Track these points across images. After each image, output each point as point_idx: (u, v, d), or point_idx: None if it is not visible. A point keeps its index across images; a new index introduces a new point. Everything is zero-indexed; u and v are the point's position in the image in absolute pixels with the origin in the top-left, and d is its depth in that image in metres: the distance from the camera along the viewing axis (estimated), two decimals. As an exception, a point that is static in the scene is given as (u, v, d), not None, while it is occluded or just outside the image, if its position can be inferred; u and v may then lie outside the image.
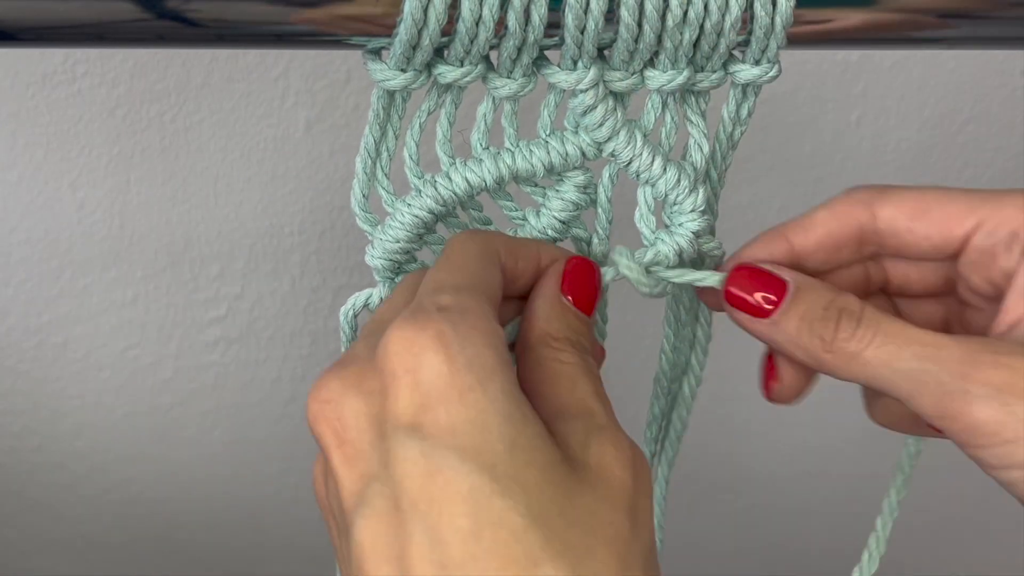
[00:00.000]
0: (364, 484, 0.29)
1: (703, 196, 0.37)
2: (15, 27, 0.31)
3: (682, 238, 0.37)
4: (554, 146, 0.36)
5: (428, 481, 0.27)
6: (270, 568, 0.88)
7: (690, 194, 0.37)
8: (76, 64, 0.60)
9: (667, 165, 0.37)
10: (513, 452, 0.28)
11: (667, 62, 0.34)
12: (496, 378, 0.29)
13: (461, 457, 0.27)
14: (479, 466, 0.27)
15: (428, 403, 0.28)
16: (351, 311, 0.39)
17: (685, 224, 0.37)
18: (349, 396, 0.30)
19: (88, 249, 0.68)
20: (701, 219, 0.37)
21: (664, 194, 0.37)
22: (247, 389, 0.77)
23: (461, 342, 0.29)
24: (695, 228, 0.37)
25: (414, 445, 0.28)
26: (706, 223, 0.38)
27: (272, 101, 0.63)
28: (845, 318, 0.34)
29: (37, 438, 0.78)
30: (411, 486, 0.28)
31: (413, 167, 0.36)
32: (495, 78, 0.34)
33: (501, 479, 0.27)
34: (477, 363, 0.29)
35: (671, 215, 0.38)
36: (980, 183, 0.75)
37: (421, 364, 0.29)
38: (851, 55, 0.67)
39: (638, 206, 0.38)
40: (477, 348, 0.29)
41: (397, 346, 0.29)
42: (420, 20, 0.31)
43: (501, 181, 0.37)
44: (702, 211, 0.37)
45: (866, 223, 0.37)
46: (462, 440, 0.28)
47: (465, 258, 0.34)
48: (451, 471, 0.27)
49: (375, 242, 0.37)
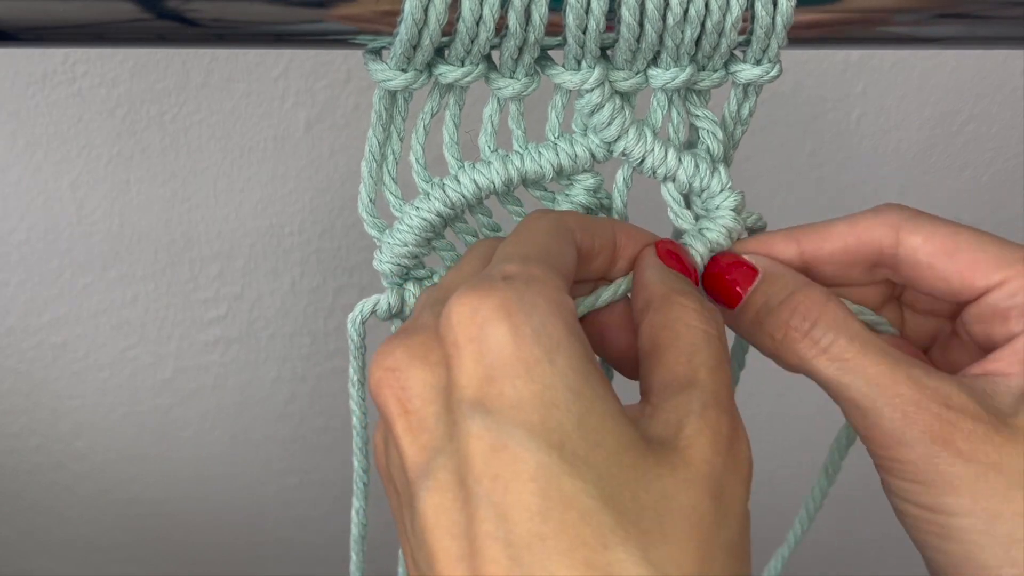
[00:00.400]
0: (428, 456, 0.28)
1: (726, 173, 0.37)
2: (15, 27, 0.31)
3: (725, 218, 0.37)
4: (563, 148, 0.36)
5: (493, 457, 0.26)
6: (270, 568, 0.88)
7: (713, 175, 0.37)
8: (76, 64, 0.60)
9: (681, 155, 0.36)
10: (583, 430, 0.27)
11: (669, 60, 0.34)
12: (564, 351, 0.28)
13: (528, 434, 0.26)
14: (547, 444, 0.26)
15: (493, 375, 0.27)
16: (359, 317, 0.38)
17: (722, 205, 0.37)
18: (415, 365, 0.29)
19: (88, 249, 0.68)
20: (733, 195, 0.37)
21: (687, 184, 0.37)
22: (247, 389, 0.77)
23: (527, 312, 0.28)
24: (732, 205, 0.37)
25: (479, 419, 0.27)
26: (740, 197, 0.37)
27: (272, 101, 0.63)
28: (798, 317, 0.33)
29: (37, 438, 0.78)
30: (476, 461, 0.26)
31: (420, 170, 0.36)
32: (497, 78, 0.34)
33: (570, 458, 0.26)
34: (544, 334, 0.28)
35: (704, 203, 0.37)
36: (980, 183, 0.75)
37: (485, 334, 0.28)
38: (851, 55, 0.67)
39: (668, 206, 0.37)
40: (544, 318, 0.28)
41: (460, 315, 0.28)
42: (420, 20, 0.31)
43: (510, 183, 0.36)
44: (731, 187, 0.37)
45: (888, 247, 0.35)
46: (529, 416, 0.27)
47: (536, 231, 0.33)
48: (518, 447, 0.26)
49: (383, 247, 0.37)
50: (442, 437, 0.28)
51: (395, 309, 0.38)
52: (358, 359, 0.39)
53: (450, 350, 0.28)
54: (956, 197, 0.76)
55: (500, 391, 0.27)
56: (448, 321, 0.29)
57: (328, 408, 0.79)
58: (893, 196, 0.74)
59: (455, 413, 0.28)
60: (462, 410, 0.27)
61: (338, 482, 0.83)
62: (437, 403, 0.28)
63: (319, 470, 0.83)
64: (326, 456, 0.82)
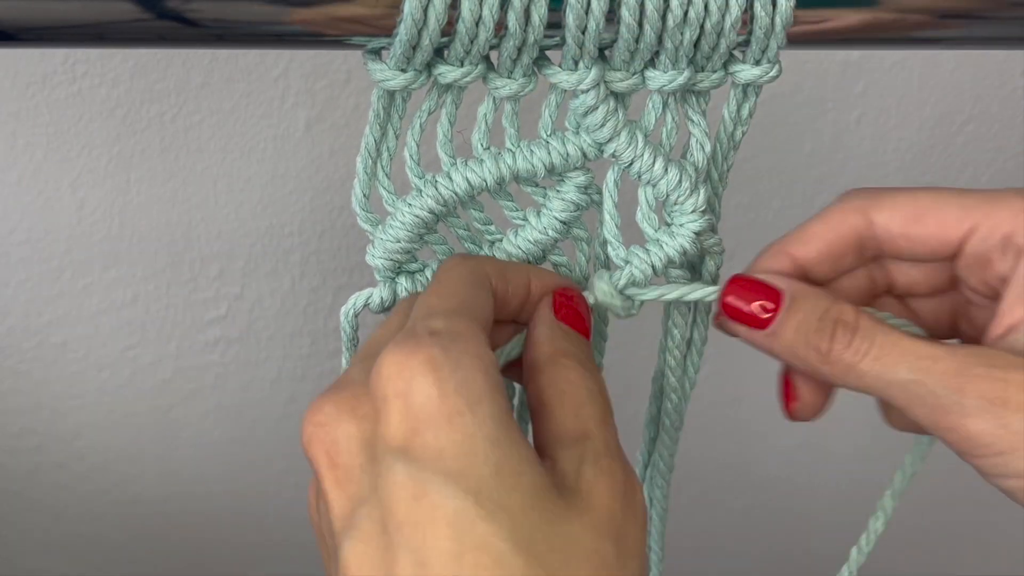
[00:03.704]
0: (353, 507, 0.29)
1: (704, 196, 0.37)
2: (15, 27, 0.31)
3: (684, 239, 0.37)
4: (555, 146, 0.36)
5: (414, 504, 0.28)
6: (270, 568, 0.88)
7: (691, 195, 0.37)
8: (76, 64, 0.60)
9: (668, 166, 0.37)
10: (499, 477, 0.28)
11: (667, 62, 0.34)
12: (485, 402, 0.29)
13: (446, 480, 0.28)
14: (464, 490, 0.27)
15: (418, 426, 0.29)
16: (351, 311, 0.39)
17: (687, 225, 0.37)
18: (343, 420, 0.30)
19: (88, 249, 0.68)
20: (702, 219, 0.37)
21: (665, 194, 0.37)
22: (247, 389, 0.77)
23: (452, 366, 0.29)
24: (697, 228, 0.37)
25: (402, 468, 0.28)
26: (707, 223, 0.38)
27: (272, 101, 0.63)
28: (840, 329, 0.34)
29: (37, 438, 0.78)
30: (398, 509, 0.28)
31: (414, 167, 0.36)
32: (495, 78, 0.34)
33: (485, 503, 0.27)
34: (466, 387, 0.29)
35: (672, 215, 0.38)
36: (980, 183, 0.75)
37: (412, 388, 0.29)
38: (851, 55, 0.67)
39: (639, 205, 0.38)
40: (467, 372, 0.29)
41: (389, 370, 0.30)
42: (420, 20, 0.31)
43: (502, 181, 0.37)
44: (703, 211, 0.37)
45: (863, 229, 0.37)
46: (449, 464, 0.28)
47: (456, 283, 0.34)
48: (436, 494, 0.27)
49: (376, 242, 0.37)
50: (367, 487, 0.29)
51: (387, 303, 0.38)
52: (350, 351, 0.40)
53: (379, 404, 0.30)
54: (956, 197, 0.76)
55: (424, 441, 0.28)
56: (378, 375, 0.30)
57: (328, 408, 0.79)
58: (893, 196, 0.74)
59: (380, 464, 0.29)
60: (387, 460, 0.29)
61: (338, 482, 0.83)
62: (363, 455, 0.30)
63: (319, 470, 0.83)
64: (326, 456, 0.82)
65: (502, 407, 0.29)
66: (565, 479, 0.30)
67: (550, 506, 0.28)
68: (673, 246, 0.37)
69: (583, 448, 0.31)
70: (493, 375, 0.30)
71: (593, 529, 0.29)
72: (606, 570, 0.28)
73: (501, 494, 0.28)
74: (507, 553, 0.27)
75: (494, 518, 0.27)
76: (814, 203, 0.72)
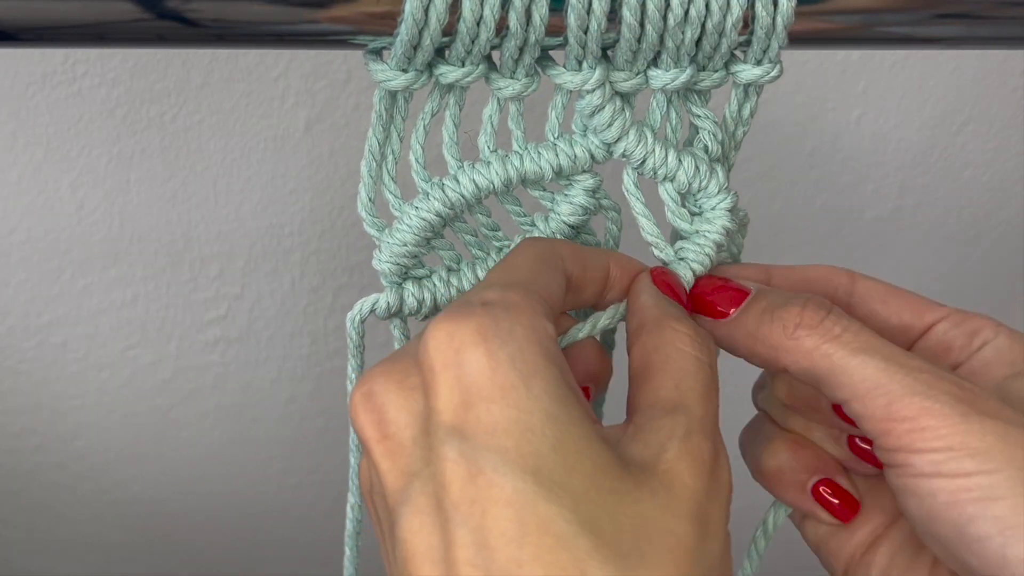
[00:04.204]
0: (407, 481, 0.28)
1: (724, 173, 0.37)
2: (15, 27, 0.31)
3: (722, 218, 0.37)
4: (562, 148, 0.36)
5: (470, 483, 0.27)
6: (270, 568, 0.88)
7: (711, 176, 0.37)
8: (76, 64, 0.60)
9: (681, 156, 0.37)
10: (558, 455, 0.27)
11: (670, 61, 0.34)
12: (540, 376, 0.28)
13: (504, 459, 0.27)
14: (522, 469, 0.26)
15: (469, 400, 0.28)
16: (357, 316, 0.38)
17: (719, 206, 0.37)
18: (391, 391, 0.29)
19: (88, 249, 0.68)
20: (730, 195, 0.37)
21: (687, 184, 0.37)
22: (247, 389, 0.77)
23: (504, 338, 0.28)
24: (728, 205, 0.37)
25: (455, 445, 0.27)
26: (735, 197, 0.37)
27: (272, 101, 0.63)
28: (812, 306, 0.34)
29: (37, 438, 0.78)
30: (453, 487, 0.27)
31: (419, 170, 0.36)
32: (498, 78, 0.34)
33: (546, 483, 0.26)
34: (520, 359, 0.28)
35: (699, 202, 0.37)
36: (980, 183, 0.75)
37: (461, 359, 0.28)
38: (851, 55, 0.67)
39: (666, 204, 0.37)
40: (520, 344, 0.28)
41: (437, 340, 0.29)
42: (421, 20, 0.31)
43: (509, 184, 0.36)
44: (728, 189, 0.37)
45: (842, 287, 0.37)
46: (504, 441, 0.27)
47: (523, 259, 0.33)
48: (493, 473, 0.26)
49: (383, 246, 0.37)
50: (420, 461, 0.28)
51: (394, 308, 0.37)
52: (356, 358, 0.39)
53: (427, 375, 0.29)
54: (956, 197, 0.76)
55: (476, 416, 0.27)
56: (425, 347, 0.29)
57: (328, 408, 0.79)
58: (893, 196, 0.74)
59: (432, 438, 0.28)
60: (438, 435, 0.28)
61: (338, 482, 0.83)
62: (414, 427, 0.29)
63: (319, 470, 0.83)
64: (326, 456, 0.82)
65: (560, 381, 0.28)
66: (645, 450, 0.29)
67: (616, 485, 0.27)
68: (715, 231, 0.37)
69: (675, 420, 0.30)
70: (550, 347, 0.29)
71: (670, 509, 0.27)
72: (683, 551, 0.27)
73: (562, 473, 0.26)
74: (572, 535, 0.26)
75: (555, 498, 0.26)
76: (814, 203, 0.72)
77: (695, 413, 0.30)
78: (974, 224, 0.78)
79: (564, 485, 0.26)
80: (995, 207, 0.77)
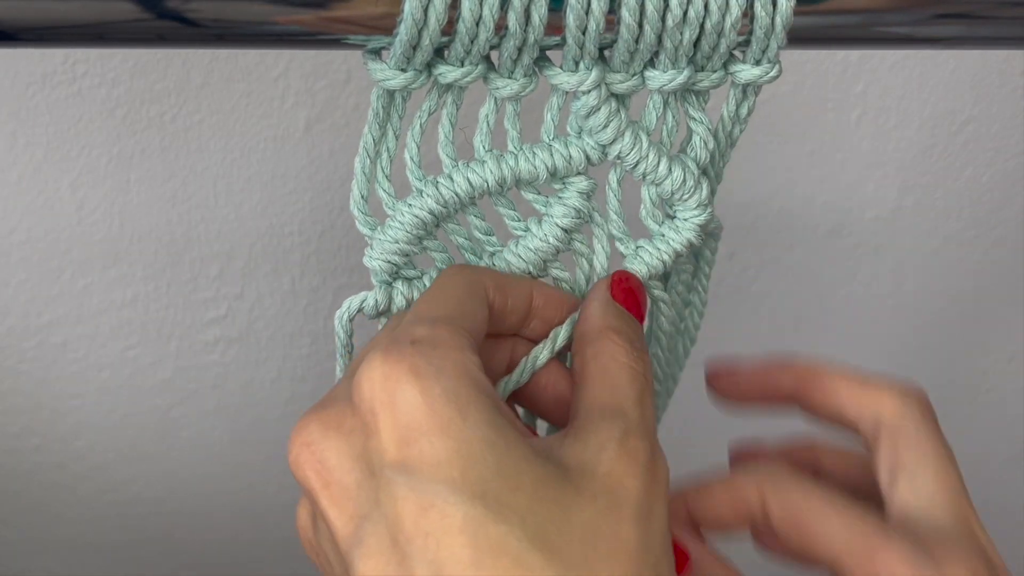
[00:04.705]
0: (357, 524, 0.29)
1: (707, 191, 0.38)
2: (15, 27, 0.31)
3: (690, 232, 0.38)
4: (557, 149, 0.36)
5: (421, 516, 0.27)
6: (270, 568, 0.88)
7: (695, 191, 0.37)
8: (76, 64, 0.60)
9: (672, 165, 0.37)
10: (501, 477, 0.28)
11: (667, 62, 0.34)
12: (474, 406, 0.29)
13: (451, 488, 0.27)
14: (471, 495, 0.27)
15: (410, 437, 0.28)
16: (346, 314, 0.38)
17: (691, 219, 0.38)
18: (330, 437, 0.30)
19: (88, 249, 0.68)
20: (706, 213, 0.38)
21: (670, 193, 0.37)
22: (247, 389, 0.77)
23: (435, 374, 0.29)
24: (701, 221, 0.38)
25: (403, 481, 0.28)
26: (710, 215, 0.38)
27: (272, 101, 0.63)
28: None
29: (37, 438, 0.78)
30: (405, 522, 0.27)
31: (414, 168, 0.36)
32: (496, 78, 0.34)
33: (493, 505, 0.27)
34: (453, 393, 0.29)
35: (676, 209, 0.38)
36: (980, 183, 0.75)
37: (397, 399, 0.29)
38: (851, 55, 0.67)
39: (643, 203, 0.38)
40: (451, 378, 0.29)
41: (372, 382, 0.29)
42: (420, 20, 0.31)
43: (503, 183, 0.36)
44: (706, 205, 0.38)
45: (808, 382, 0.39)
46: (449, 471, 0.28)
47: (448, 291, 0.34)
48: (444, 504, 0.27)
49: (374, 243, 0.37)
50: (368, 503, 0.29)
51: (382, 307, 0.38)
52: (344, 357, 0.39)
53: (366, 417, 0.29)
54: (956, 197, 0.76)
55: (419, 451, 0.28)
56: (360, 389, 0.30)
57: (328, 408, 0.79)
58: (893, 196, 0.74)
59: (378, 478, 0.28)
60: (385, 474, 0.28)
61: (338, 482, 0.83)
62: (357, 471, 0.29)
63: (319, 470, 0.83)
64: (326, 456, 0.82)
65: (492, 408, 0.29)
66: (585, 452, 0.30)
67: (560, 495, 0.28)
68: (680, 241, 0.38)
69: (613, 424, 0.31)
70: (477, 376, 0.30)
71: (613, 513, 0.28)
72: (629, 553, 0.28)
73: (506, 493, 0.27)
74: (524, 551, 0.27)
75: (504, 518, 0.27)
76: (814, 203, 0.72)
77: (631, 416, 0.31)
78: (974, 224, 0.78)
79: (510, 504, 0.27)
80: (995, 207, 0.77)
